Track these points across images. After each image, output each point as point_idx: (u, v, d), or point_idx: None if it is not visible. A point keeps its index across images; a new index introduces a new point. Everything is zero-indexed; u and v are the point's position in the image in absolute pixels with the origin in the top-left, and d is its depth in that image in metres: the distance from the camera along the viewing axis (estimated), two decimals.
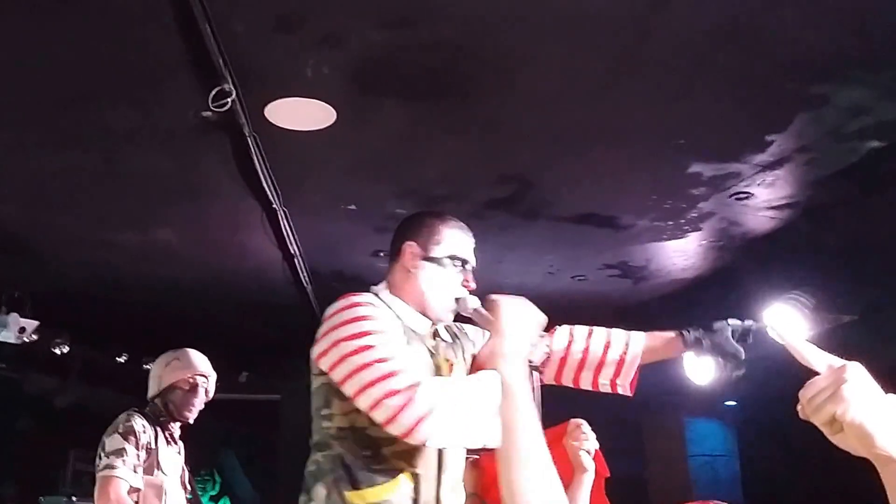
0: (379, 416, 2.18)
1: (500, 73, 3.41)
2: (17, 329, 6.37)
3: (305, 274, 5.84)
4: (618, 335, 2.79)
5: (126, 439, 3.86)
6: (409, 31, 3.13)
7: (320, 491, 2.37)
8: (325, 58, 3.30)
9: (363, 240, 5.32)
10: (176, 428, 4.19)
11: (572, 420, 2.86)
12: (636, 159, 4.17)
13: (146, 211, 5.06)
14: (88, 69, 3.45)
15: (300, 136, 3.93)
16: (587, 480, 2.73)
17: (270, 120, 3.79)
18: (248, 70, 3.40)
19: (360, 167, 4.37)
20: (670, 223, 4.92)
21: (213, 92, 3.44)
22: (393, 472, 2.38)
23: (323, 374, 2.37)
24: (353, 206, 4.78)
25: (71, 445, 7.58)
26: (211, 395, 4.23)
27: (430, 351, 2.54)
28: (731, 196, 4.51)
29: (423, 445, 2.27)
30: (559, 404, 3.07)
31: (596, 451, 2.83)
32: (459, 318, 2.63)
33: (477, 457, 2.87)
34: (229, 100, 3.47)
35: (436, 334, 2.64)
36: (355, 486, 2.35)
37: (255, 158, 4.09)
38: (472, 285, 2.58)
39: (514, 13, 3.01)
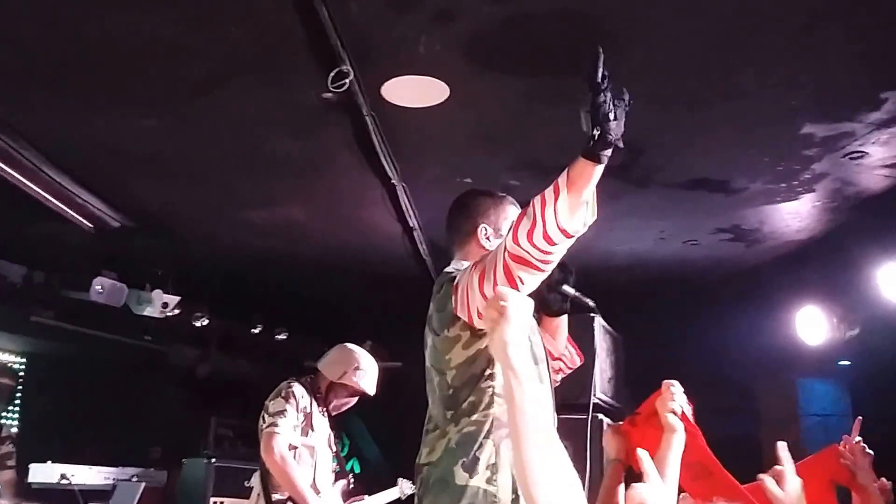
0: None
1: (610, 41, 3.37)
2: (160, 304, 6.76)
3: (424, 246, 6.02)
4: None
5: (287, 401, 4.45)
6: (518, 3, 3.21)
7: (488, 449, 2.50)
8: (438, 34, 3.41)
9: None
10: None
11: (665, 381, 2.75)
12: (748, 123, 4.17)
13: (274, 189, 5.34)
14: (217, 54, 3.67)
15: (416, 113, 4.09)
16: (676, 441, 2.59)
17: (387, 98, 3.95)
18: (364, 51, 3.56)
19: (475, 141, 4.51)
20: (783, 185, 4.88)
21: (332, 73, 3.61)
22: None
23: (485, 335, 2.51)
24: (469, 180, 4.89)
25: (212, 412, 7.93)
26: None
27: None
28: (844, 156, 4.45)
29: None
30: (667, 367, 3.11)
31: (683, 411, 2.68)
32: None
33: (620, 424, 2.88)
34: (347, 80, 3.65)
35: None
36: None
37: (373, 136, 4.28)
38: None
39: None
